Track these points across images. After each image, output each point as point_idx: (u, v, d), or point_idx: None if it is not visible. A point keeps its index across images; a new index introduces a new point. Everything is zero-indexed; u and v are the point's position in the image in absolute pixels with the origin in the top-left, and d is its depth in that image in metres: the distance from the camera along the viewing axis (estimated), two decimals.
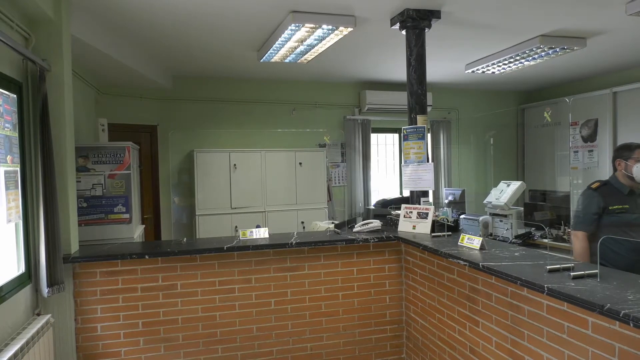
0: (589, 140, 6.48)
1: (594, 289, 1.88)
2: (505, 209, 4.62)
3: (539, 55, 4.94)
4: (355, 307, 3.46)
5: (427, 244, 3.02)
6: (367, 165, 6.83)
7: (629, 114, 5.97)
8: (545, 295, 1.99)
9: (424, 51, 3.76)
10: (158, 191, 6.03)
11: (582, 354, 1.93)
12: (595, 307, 1.72)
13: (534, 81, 6.96)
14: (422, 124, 3.68)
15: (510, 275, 2.19)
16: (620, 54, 5.36)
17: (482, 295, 2.60)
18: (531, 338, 2.22)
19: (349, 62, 5.50)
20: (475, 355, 2.69)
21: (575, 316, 1.96)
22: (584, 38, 4.61)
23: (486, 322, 2.57)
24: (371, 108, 6.58)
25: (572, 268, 2.16)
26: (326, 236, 3.45)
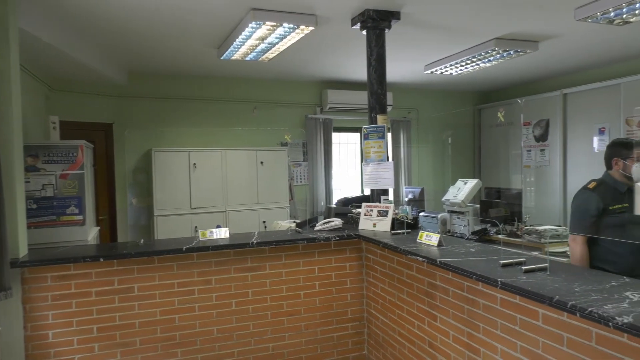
0: (541, 140, 6.75)
1: (544, 282, 1.95)
2: (463, 206, 4.74)
3: (494, 58, 5.10)
4: (316, 305, 3.47)
5: (387, 242, 3.06)
6: (328, 164, 6.86)
7: (578, 115, 6.25)
8: (499, 289, 2.05)
9: (384, 51, 3.81)
10: (114, 191, 5.85)
11: (533, 344, 2.00)
12: (545, 299, 1.79)
13: (489, 82, 7.19)
14: (382, 123, 3.73)
15: (466, 270, 2.25)
16: (570, 57, 5.60)
17: (439, 291, 2.66)
18: (486, 330, 2.29)
19: (310, 61, 5.50)
20: (433, 349, 2.75)
21: (526, 308, 2.03)
22: (536, 41, 4.79)
23: (444, 317, 2.63)
24: (333, 107, 6.62)
25: (523, 262, 2.24)
26: (287, 235, 3.44)
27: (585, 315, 1.62)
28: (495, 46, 4.63)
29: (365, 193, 4.94)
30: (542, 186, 6.74)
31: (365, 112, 3.98)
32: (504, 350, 2.18)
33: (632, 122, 5.38)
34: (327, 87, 6.72)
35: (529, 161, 6.94)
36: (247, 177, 5.88)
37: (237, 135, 6.34)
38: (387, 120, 3.79)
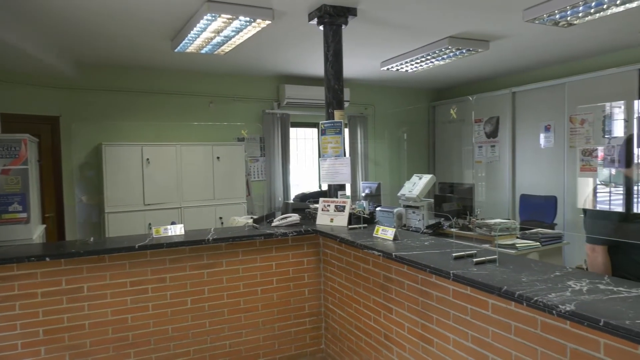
0: (492, 136, 7.00)
1: (493, 273, 2.03)
2: (417, 201, 4.85)
3: (448, 56, 5.24)
4: (274, 301, 3.46)
5: (344, 236, 3.09)
6: (286, 159, 6.84)
7: (526, 112, 6.52)
8: (451, 280, 2.12)
9: (340, 47, 3.82)
10: (61, 188, 5.59)
11: (483, 334, 2.08)
12: (494, 290, 1.86)
13: (444, 80, 7.37)
14: (339, 118, 3.75)
15: (420, 263, 2.30)
16: (519, 57, 5.82)
17: (395, 284, 2.71)
18: (439, 321, 2.36)
19: (268, 55, 5.45)
20: (389, 341, 2.80)
21: (477, 299, 2.11)
22: (487, 41, 4.95)
23: (399, 309, 2.69)
24: (290, 102, 6.59)
25: (474, 255, 2.32)
26: (244, 231, 3.41)
27: (531, 304, 1.70)
28: (449, 45, 4.74)
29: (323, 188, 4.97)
30: (492, 181, 7.00)
31: (322, 107, 3.99)
32: (456, 339, 2.25)
33: (575, 120, 5.67)
34: (285, 82, 6.69)
35: (480, 157, 7.19)
36: (203, 173, 5.77)
37: (193, 130, 6.21)
38: (344, 116, 3.81)
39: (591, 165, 5.46)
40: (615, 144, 5.16)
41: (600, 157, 5.38)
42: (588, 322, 1.50)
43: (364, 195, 6.12)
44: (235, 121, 6.46)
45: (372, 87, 7.58)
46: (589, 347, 1.62)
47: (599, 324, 1.46)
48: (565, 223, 5.70)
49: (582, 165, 5.56)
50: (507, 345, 1.95)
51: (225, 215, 5.73)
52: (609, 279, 1.90)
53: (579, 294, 1.70)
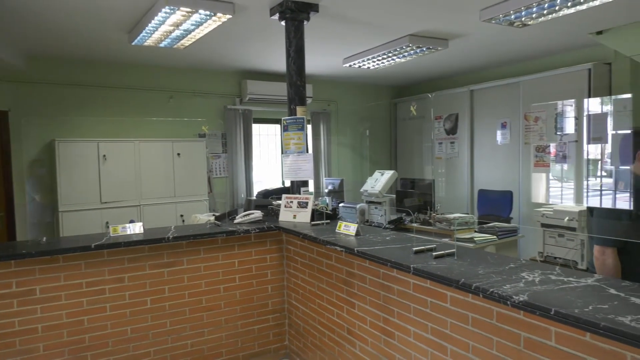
0: (451, 133, 7.16)
1: (451, 267, 2.08)
2: (380, 197, 4.91)
3: (409, 53, 5.32)
4: (237, 299, 3.43)
5: (307, 233, 3.09)
6: (248, 155, 6.78)
7: (484, 110, 6.71)
8: (412, 274, 2.16)
9: (302, 43, 3.81)
10: (11, 186, 5.34)
11: (442, 325, 2.13)
12: (452, 282, 1.91)
13: (405, 77, 7.48)
14: (302, 115, 3.75)
15: (381, 258, 2.33)
16: (476, 56, 5.98)
17: (357, 279, 2.74)
18: (400, 315, 2.40)
19: (230, 50, 5.38)
20: (352, 336, 2.83)
21: (436, 292, 2.16)
22: (446, 40, 5.05)
23: (361, 304, 2.72)
24: (252, 98, 6.53)
25: (434, 249, 2.37)
26: (206, 229, 3.36)
27: (487, 295, 1.75)
28: (409, 42, 4.82)
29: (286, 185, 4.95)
30: (452, 176, 7.18)
31: (285, 103, 3.98)
32: (417, 332, 2.29)
33: (529, 117, 5.88)
34: (247, 77, 6.61)
35: (441, 153, 7.35)
36: (162, 170, 5.64)
37: (152, 126, 6.06)
38: (306, 112, 3.81)
39: (544, 161, 5.68)
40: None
41: (552, 154, 5.60)
42: (540, 312, 1.56)
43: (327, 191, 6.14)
44: (196, 117, 6.34)
45: (335, 83, 7.61)
46: (541, 336, 1.69)
47: (550, 313, 1.52)
48: (521, 217, 5.91)
49: (536, 161, 5.78)
50: (465, 336, 2.01)
51: (186, 213, 5.63)
52: (560, 269, 1.99)
53: (532, 285, 1.77)
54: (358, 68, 6.07)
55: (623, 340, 1.35)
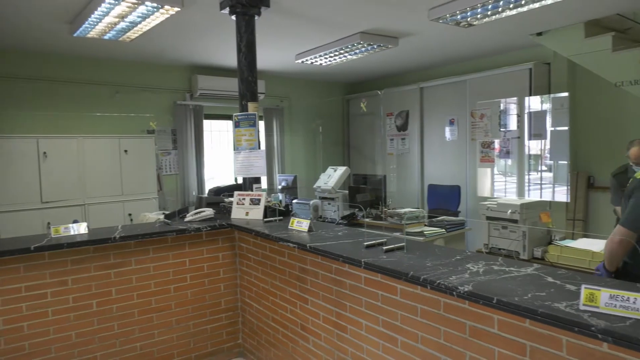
0: (402, 129, 7.32)
1: (401, 260, 2.13)
2: (333, 193, 4.96)
3: (360, 51, 5.38)
4: (188, 298, 3.36)
5: (260, 230, 3.07)
6: (200, 152, 6.64)
7: (433, 107, 6.89)
8: (363, 268, 2.19)
9: (254, 38, 3.77)
10: None
11: (393, 318, 2.18)
12: (401, 275, 1.96)
13: (357, 74, 7.56)
14: (253, 111, 3.71)
15: (333, 253, 2.35)
16: (426, 54, 6.13)
17: (310, 275, 2.75)
18: (352, 309, 2.43)
19: (179, 44, 5.24)
20: (305, 331, 2.84)
21: (387, 285, 2.20)
22: (396, 38, 5.15)
23: (314, 299, 2.73)
24: (203, 93, 6.40)
25: (384, 243, 2.42)
26: (155, 228, 3.27)
27: (434, 287, 1.81)
28: (360, 40, 4.87)
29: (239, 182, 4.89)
30: (403, 172, 7.34)
31: (237, 99, 3.92)
32: (368, 325, 2.33)
33: (475, 114, 6.08)
34: (198, 72, 6.47)
35: (392, 149, 7.49)
36: (109, 167, 5.43)
37: (97, 122, 5.81)
38: (258, 108, 3.78)
39: (489, 156, 5.91)
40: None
41: (497, 149, 5.84)
42: (483, 301, 1.63)
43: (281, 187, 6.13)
44: (144, 112, 6.14)
45: (288, 79, 7.58)
46: (484, 324, 1.76)
47: (493, 302, 1.59)
48: (468, 210, 6.13)
49: (482, 157, 6.00)
50: (414, 327, 2.06)
51: (135, 212, 5.45)
52: (502, 260, 2.08)
53: (476, 275, 1.84)
54: (310, 64, 6.07)
55: (559, 325, 1.43)
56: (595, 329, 1.34)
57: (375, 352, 2.30)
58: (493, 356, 1.74)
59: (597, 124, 5.37)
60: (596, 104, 5.35)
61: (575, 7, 4.09)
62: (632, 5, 4.43)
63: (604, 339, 1.34)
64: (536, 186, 5.61)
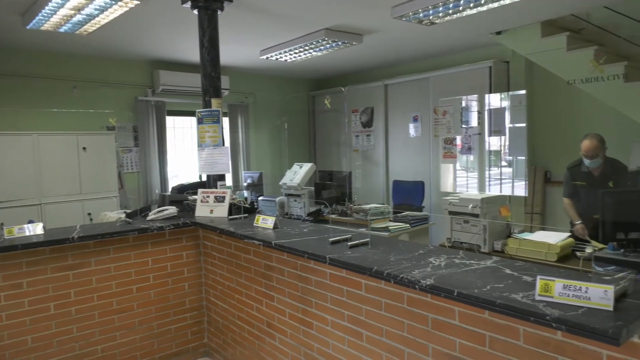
0: (367, 126, 7.38)
1: (366, 255, 2.15)
2: (299, 189, 4.95)
3: (325, 47, 5.38)
4: (151, 298, 3.29)
5: (224, 227, 3.04)
6: (163, 149, 6.50)
7: (397, 104, 6.98)
8: (328, 264, 2.20)
9: (217, 33, 3.71)
10: None
11: (358, 312, 2.20)
12: (366, 270, 1.98)
13: (322, 70, 7.57)
14: (217, 107, 3.66)
15: (298, 250, 2.36)
16: (390, 51, 6.20)
17: (276, 272, 2.74)
18: (318, 304, 2.45)
19: (140, 38, 5.10)
20: (271, 329, 2.84)
21: (352, 280, 2.22)
22: (360, 35, 5.18)
23: (280, 296, 2.73)
24: (166, 89, 6.26)
25: (349, 239, 2.44)
26: (116, 227, 3.18)
27: (397, 281, 1.84)
28: (325, 36, 4.88)
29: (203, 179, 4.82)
30: (368, 168, 7.41)
31: (200, 95, 3.86)
32: (334, 320, 2.35)
33: (438, 111, 6.21)
34: (160, 67, 6.32)
35: (357, 145, 7.55)
36: (66, 165, 5.24)
37: (53, 118, 5.59)
38: (222, 104, 3.73)
39: (452, 152, 6.05)
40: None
41: (459, 146, 5.98)
42: (444, 294, 1.67)
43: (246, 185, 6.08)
44: (103, 108, 5.95)
45: (253, 75, 7.52)
46: (446, 316, 1.80)
47: (453, 294, 1.63)
48: (432, 205, 6.25)
49: (445, 153, 6.13)
50: (379, 321, 2.09)
51: (94, 211, 5.28)
52: (464, 253, 2.13)
53: (438, 269, 1.88)
54: (275, 60, 6.04)
55: (516, 315, 1.48)
56: (550, 318, 1.39)
57: (340, 347, 2.32)
58: (454, 347, 1.78)
59: (553, 120, 5.57)
60: (552, 101, 5.56)
61: (532, 7, 4.22)
62: (585, 7, 4.62)
63: (558, 328, 1.39)
64: (496, 181, 5.78)
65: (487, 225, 3.33)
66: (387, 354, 2.06)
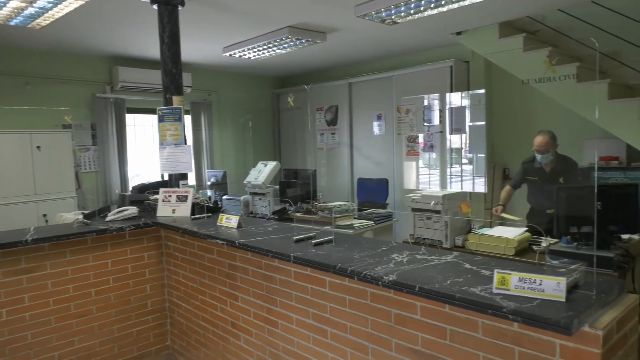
0: (332, 124, 7.41)
1: (330, 253, 2.16)
2: (263, 188, 4.93)
3: (289, 45, 5.36)
4: (111, 302, 3.20)
5: (187, 227, 2.99)
6: (123, 148, 6.32)
7: (361, 102, 7.04)
8: (292, 263, 2.20)
9: (177, 29, 3.64)
10: None
11: (322, 310, 2.21)
12: (330, 268, 1.99)
13: (287, 68, 7.54)
14: (178, 104, 3.59)
15: (262, 249, 2.34)
16: (353, 50, 6.24)
17: (240, 271, 2.72)
18: (283, 303, 2.44)
19: (97, 33, 4.94)
20: (236, 329, 2.81)
21: (316, 278, 2.22)
22: (324, 33, 5.19)
23: (245, 296, 2.71)
24: (125, 86, 6.09)
25: (314, 237, 2.44)
26: (73, 228, 3.07)
27: (361, 278, 1.85)
28: (289, 34, 4.86)
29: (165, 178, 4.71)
30: (333, 166, 7.44)
31: (161, 92, 3.77)
32: (299, 319, 2.35)
33: (401, 109, 6.30)
34: (119, 63, 6.14)
35: (322, 143, 7.57)
36: (19, 165, 5.01)
37: (4, 115, 5.34)
38: (184, 102, 3.66)
39: (415, 150, 6.15)
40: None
41: (421, 144, 6.09)
42: (407, 289, 1.70)
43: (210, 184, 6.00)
44: (59, 105, 5.73)
45: (216, 72, 7.41)
46: (408, 311, 1.83)
47: (415, 290, 1.66)
48: (396, 202, 6.34)
49: (408, 151, 6.23)
50: (343, 318, 2.11)
51: (50, 212, 5.08)
52: (425, 249, 2.17)
53: (401, 265, 1.91)
54: (239, 58, 5.97)
55: (474, 308, 1.52)
56: (506, 310, 1.43)
57: (306, 345, 2.32)
58: (417, 341, 1.81)
59: (510, 119, 5.75)
60: (509, 100, 5.73)
61: (490, 8, 4.34)
62: (541, 9, 4.78)
63: (514, 319, 1.44)
64: (457, 178, 5.92)
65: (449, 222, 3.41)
66: (352, 351, 2.08)
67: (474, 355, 1.64)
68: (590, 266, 1.66)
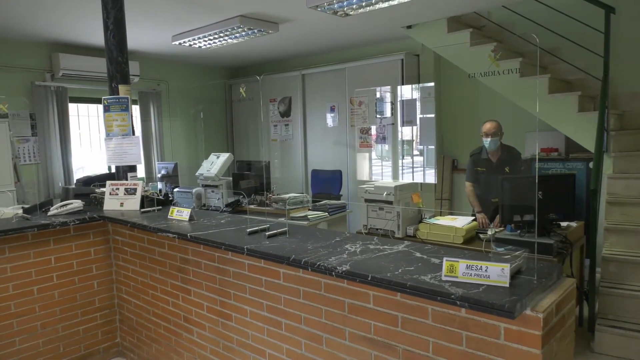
0: (285, 116, 7.37)
1: (283, 244, 2.16)
2: (216, 180, 4.84)
3: (240, 35, 5.27)
4: (55, 299, 3.06)
5: (136, 221, 2.90)
6: (66, 139, 6.02)
7: (315, 94, 7.04)
8: (246, 255, 2.19)
9: (123, 15, 3.49)
10: None
11: (277, 302, 2.21)
12: (284, 260, 1.99)
13: (239, 58, 7.41)
14: (125, 94, 3.46)
15: (215, 241, 2.31)
16: (306, 41, 6.21)
17: (192, 265, 2.67)
18: (237, 296, 2.42)
19: (35, 18, 4.65)
20: (189, 323, 2.77)
21: (270, 270, 2.22)
22: (276, 23, 5.13)
23: (197, 290, 2.66)
24: (67, 74, 5.78)
25: (267, 229, 2.43)
26: (11, 224, 2.90)
27: (315, 268, 1.87)
28: (240, 23, 4.77)
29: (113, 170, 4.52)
30: (287, 158, 7.42)
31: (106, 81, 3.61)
32: (253, 311, 2.34)
33: (354, 101, 6.36)
34: (60, 50, 5.81)
35: (276, 135, 7.53)
36: None
37: None
38: (131, 91, 3.53)
39: (367, 142, 6.23)
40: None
41: (374, 135, 6.18)
42: (359, 279, 1.73)
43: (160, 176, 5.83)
44: None
45: (165, 61, 7.18)
46: (362, 300, 1.87)
47: (368, 279, 1.70)
48: (349, 194, 6.42)
49: (361, 142, 6.31)
50: (298, 309, 2.12)
51: None
52: (378, 239, 2.21)
53: (354, 255, 1.94)
54: (189, 47, 5.81)
55: (424, 295, 1.57)
56: (455, 297, 1.49)
57: (260, 337, 2.32)
58: (370, 330, 1.85)
59: (458, 111, 5.94)
60: (458, 93, 5.91)
61: (438, 3, 4.44)
62: (486, 5, 4.94)
63: (462, 305, 1.50)
64: (409, 169, 6.07)
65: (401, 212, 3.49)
66: (306, 341, 2.10)
67: (424, 341, 1.69)
68: (532, 253, 1.75)
